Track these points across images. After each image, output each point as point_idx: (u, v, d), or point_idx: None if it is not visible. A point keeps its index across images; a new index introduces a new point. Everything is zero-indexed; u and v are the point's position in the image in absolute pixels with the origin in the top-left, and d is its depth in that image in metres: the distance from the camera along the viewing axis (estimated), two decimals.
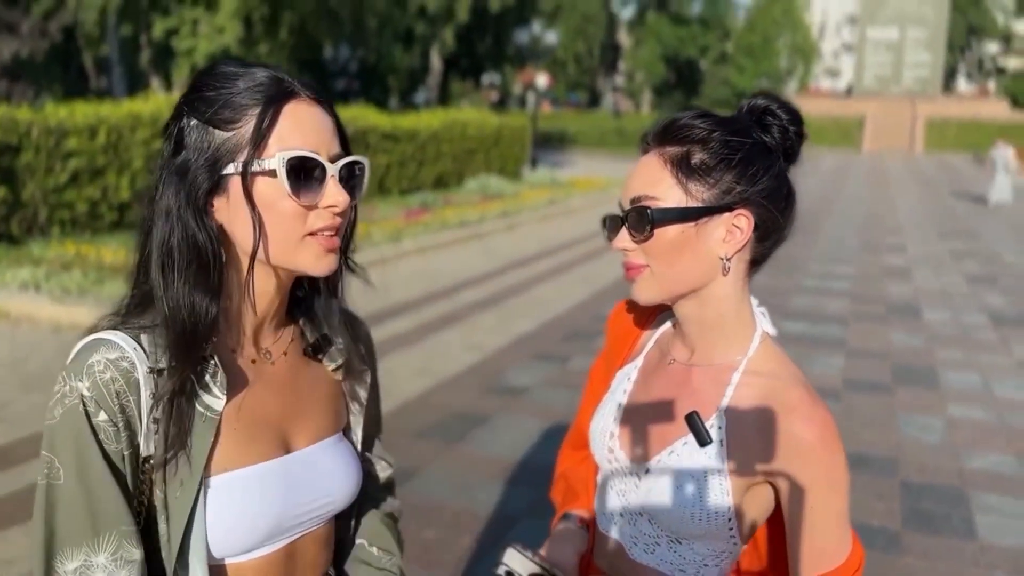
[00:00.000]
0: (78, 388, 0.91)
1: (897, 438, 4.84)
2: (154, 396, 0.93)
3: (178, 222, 0.95)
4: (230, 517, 0.97)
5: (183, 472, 0.95)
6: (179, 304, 0.95)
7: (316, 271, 1.00)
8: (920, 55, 47.98)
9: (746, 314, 1.17)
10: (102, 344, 0.94)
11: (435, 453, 4.38)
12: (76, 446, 0.90)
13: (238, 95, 0.96)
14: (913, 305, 8.43)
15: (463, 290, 8.42)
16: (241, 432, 1.00)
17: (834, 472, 1.07)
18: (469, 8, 37.82)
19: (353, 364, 1.15)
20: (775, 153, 1.14)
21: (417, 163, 15.39)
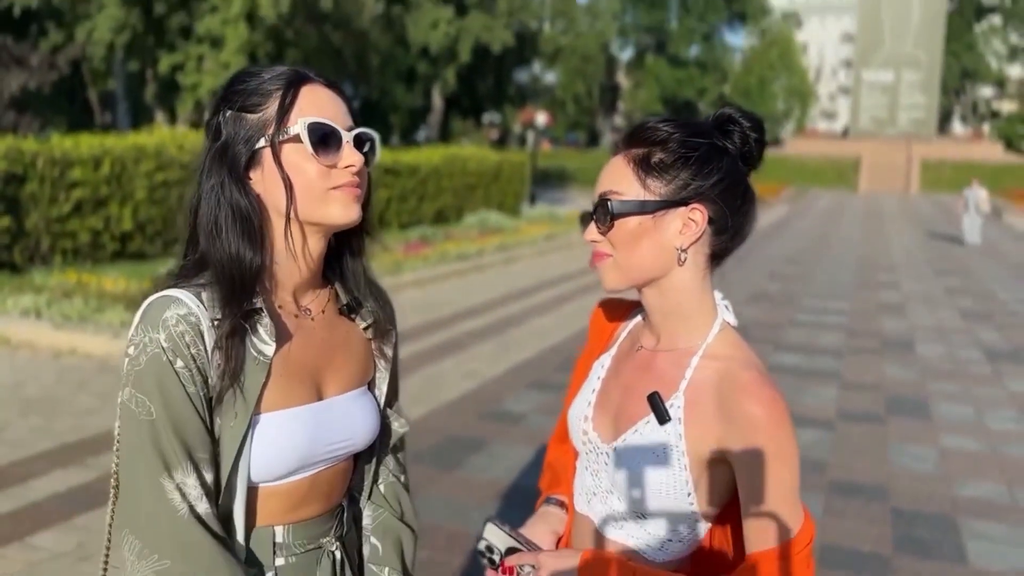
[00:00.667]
0: (157, 339, 1.08)
1: (889, 467, 4.87)
2: (216, 343, 1.10)
3: (223, 194, 1.14)
4: (270, 449, 1.13)
5: (238, 406, 1.11)
6: (228, 258, 1.13)
7: (343, 220, 1.16)
8: (915, 97, 48.61)
9: (707, 304, 1.26)
10: (171, 301, 1.10)
11: (431, 477, 4.41)
12: (162, 387, 1.07)
13: (264, 84, 1.16)
14: (907, 339, 8.49)
15: (461, 320, 8.49)
16: (286, 377, 1.16)
17: (782, 446, 1.14)
18: (471, 49, 38.41)
19: (381, 325, 1.32)
20: (732, 156, 1.23)
21: (418, 198, 15.56)
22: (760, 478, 1.15)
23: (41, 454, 4.52)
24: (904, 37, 48.32)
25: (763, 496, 1.15)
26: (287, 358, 1.17)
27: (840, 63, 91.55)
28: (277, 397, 1.15)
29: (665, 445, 1.19)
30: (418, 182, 15.54)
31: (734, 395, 1.16)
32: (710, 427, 1.18)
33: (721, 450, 1.18)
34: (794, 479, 1.16)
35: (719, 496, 1.22)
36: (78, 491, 4.06)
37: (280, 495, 1.19)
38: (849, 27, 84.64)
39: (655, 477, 1.20)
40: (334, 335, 1.26)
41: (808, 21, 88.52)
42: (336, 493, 1.28)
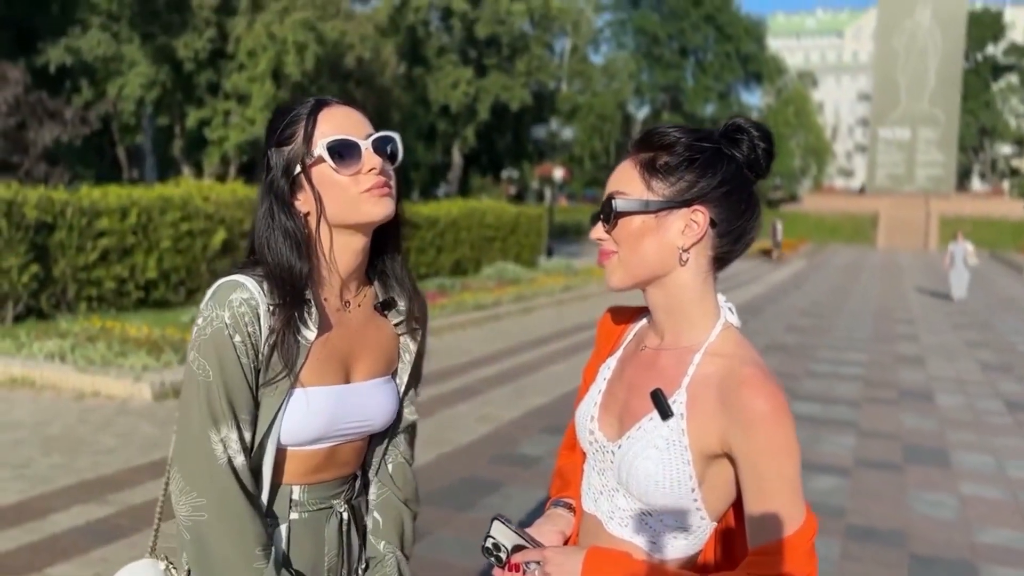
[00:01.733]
0: (222, 316, 1.29)
1: (907, 513, 4.82)
2: (271, 328, 1.32)
3: (272, 219, 1.36)
4: (299, 418, 1.34)
5: (280, 380, 1.32)
6: (279, 267, 1.35)
7: (378, 216, 1.35)
8: (932, 155, 48.75)
9: (709, 304, 1.30)
10: (238, 286, 1.32)
11: (445, 517, 4.42)
12: (220, 355, 1.29)
13: (293, 117, 1.37)
14: (926, 390, 8.43)
15: (477, 367, 8.53)
16: (321, 360, 1.37)
17: (783, 440, 1.17)
18: (490, 107, 39.10)
19: (410, 323, 1.51)
20: (739, 163, 1.28)
21: (436, 249, 15.72)
22: (761, 472, 1.18)
23: (61, 490, 4.58)
24: (920, 96, 48.72)
25: (765, 490, 1.18)
26: (325, 344, 1.37)
27: (856, 122, 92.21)
28: (312, 375, 1.35)
29: (668, 440, 1.22)
30: (436, 234, 15.72)
31: (736, 390, 1.19)
32: (712, 422, 1.21)
33: (723, 444, 1.20)
34: (795, 473, 1.18)
35: (723, 492, 1.25)
36: (96, 525, 4.11)
37: (302, 459, 1.39)
38: (865, 86, 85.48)
39: (659, 473, 1.22)
40: (367, 328, 1.45)
41: (824, 81, 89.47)
42: (350, 464, 1.47)
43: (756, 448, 1.18)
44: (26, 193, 9.30)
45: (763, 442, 1.17)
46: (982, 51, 60.34)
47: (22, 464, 4.98)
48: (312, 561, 1.42)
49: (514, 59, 40.67)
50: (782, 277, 22.35)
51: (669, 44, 56.15)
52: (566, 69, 48.03)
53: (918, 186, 48.45)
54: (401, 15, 37.87)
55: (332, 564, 1.45)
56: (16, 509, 4.29)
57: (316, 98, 1.38)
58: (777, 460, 1.17)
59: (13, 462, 5.01)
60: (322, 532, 1.43)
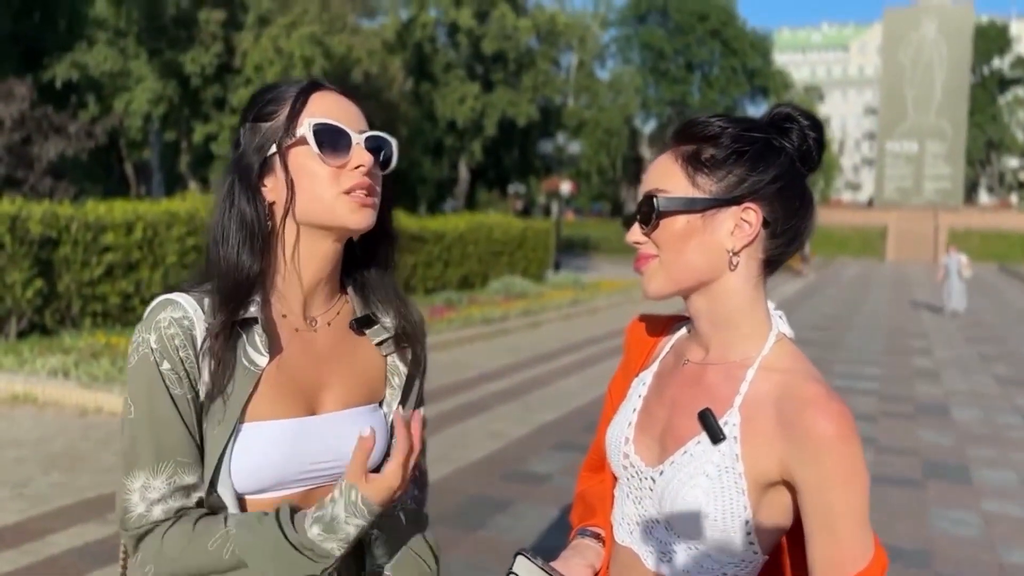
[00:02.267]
0: (147, 340, 1.09)
1: (930, 532, 4.68)
2: (208, 349, 1.09)
3: (232, 203, 1.14)
4: (248, 459, 1.10)
5: (224, 414, 1.09)
6: (227, 264, 1.12)
7: (353, 223, 1.13)
8: (940, 168, 48.62)
9: (761, 313, 1.16)
10: (169, 304, 1.11)
11: (454, 538, 4.30)
12: (146, 387, 1.08)
13: (280, 93, 1.16)
14: (942, 405, 8.28)
15: (485, 382, 8.41)
16: (275, 389, 1.13)
17: (852, 467, 1.04)
18: (497, 122, 39.18)
19: (398, 342, 1.25)
20: (790, 155, 1.15)
21: (443, 264, 15.64)
22: (829, 503, 1.04)
23: (61, 509, 4.47)
24: (927, 109, 48.63)
25: (831, 523, 1.04)
26: (281, 369, 1.14)
27: (863, 135, 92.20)
28: (263, 408, 1.12)
29: (719, 467, 1.09)
30: (443, 248, 15.65)
31: (798, 410, 1.06)
32: (770, 446, 1.08)
33: (783, 471, 1.07)
34: (864, 504, 1.05)
35: (778, 522, 1.12)
36: (95, 546, 4.00)
37: (267, 508, 1.12)
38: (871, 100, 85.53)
39: (708, 503, 1.09)
40: (338, 349, 1.21)
41: (830, 95, 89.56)
42: None
43: (822, 476, 1.04)
44: (31, 208, 9.24)
45: (830, 469, 1.04)
46: (988, 64, 60.27)
47: (22, 483, 4.88)
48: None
49: (520, 74, 40.78)
50: (792, 291, 22.19)
51: (675, 59, 56.30)
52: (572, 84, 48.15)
53: (926, 199, 48.30)
54: (408, 31, 38.05)
55: None
56: (14, 530, 4.18)
57: (311, 78, 1.18)
58: (845, 490, 1.04)
59: (13, 480, 4.90)
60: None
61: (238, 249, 1.12)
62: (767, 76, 56.03)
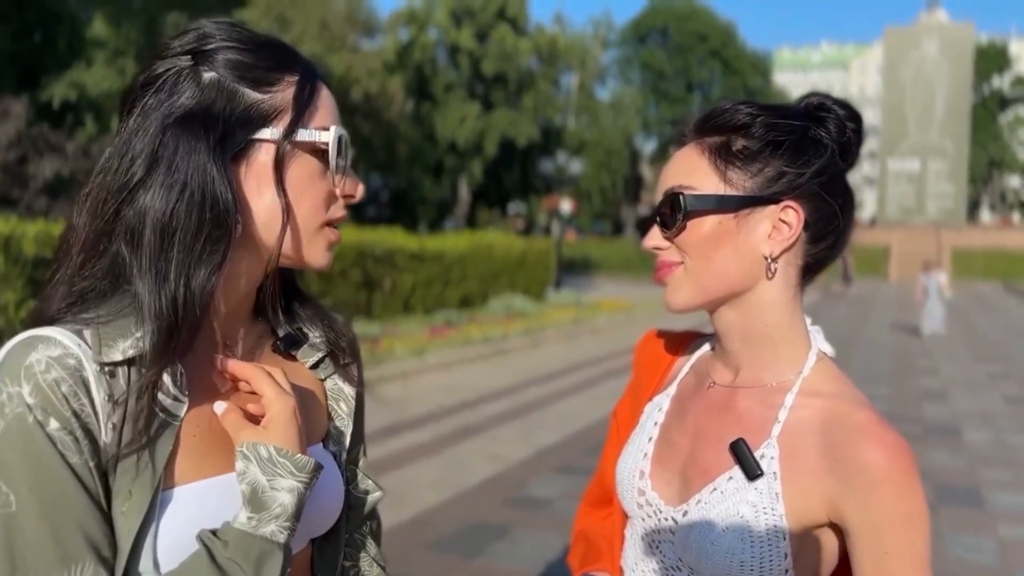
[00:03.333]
0: (19, 394, 0.75)
1: (944, 558, 4.51)
2: (111, 398, 0.78)
3: (196, 182, 0.80)
4: (182, 537, 0.81)
5: (132, 483, 0.79)
6: (172, 283, 0.79)
7: (319, 265, 0.91)
8: (943, 186, 48.62)
9: (799, 328, 1.02)
10: (38, 342, 0.77)
11: (451, 565, 4.13)
12: (28, 463, 0.74)
13: (268, 56, 0.86)
14: (952, 426, 8.10)
15: (485, 403, 8.25)
16: (200, 440, 0.85)
17: (911, 505, 0.91)
18: (497, 142, 39.23)
19: (336, 358, 1.01)
20: (830, 146, 1.01)
21: (443, 283, 15.51)
22: (885, 546, 0.91)
23: None
24: (929, 127, 48.68)
25: (889, 571, 0.91)
26: (204, 415, 0.86)
27: (865, 154, 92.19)
28: (189, 466, 0.83)
29: (756, 507, 0.95)
30: (443, 268, 15.52)
31: (847, 441, 0.93)
32: (815, 482, 0.94)
33: (832, 512, 0.94)
34: (926, 546, 0.92)
35: (822, 566, 0.98)
36: None
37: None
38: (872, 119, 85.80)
39: (742, 548, 0.95)
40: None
41: None
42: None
43: (879, 517, 0.91)
44: (25, 227, 9.12)
45: (888, 509, 0.91)
46: (988, 84, 60.45)
47: None
48: None
49: (521, 95, 40.91)
50: None
51: (675, 79, 56.55)
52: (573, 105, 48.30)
53: (929, 218, 48.25)
54: (408, 51, 38.21)
55: None
56: None
57: (296, 52, 0.90)
58: (906, 531, 0.91)
59: None
60: None
61: (195, 260, 0.79)
62: (767, 95, 56.19)
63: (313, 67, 0.90)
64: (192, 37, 0.86)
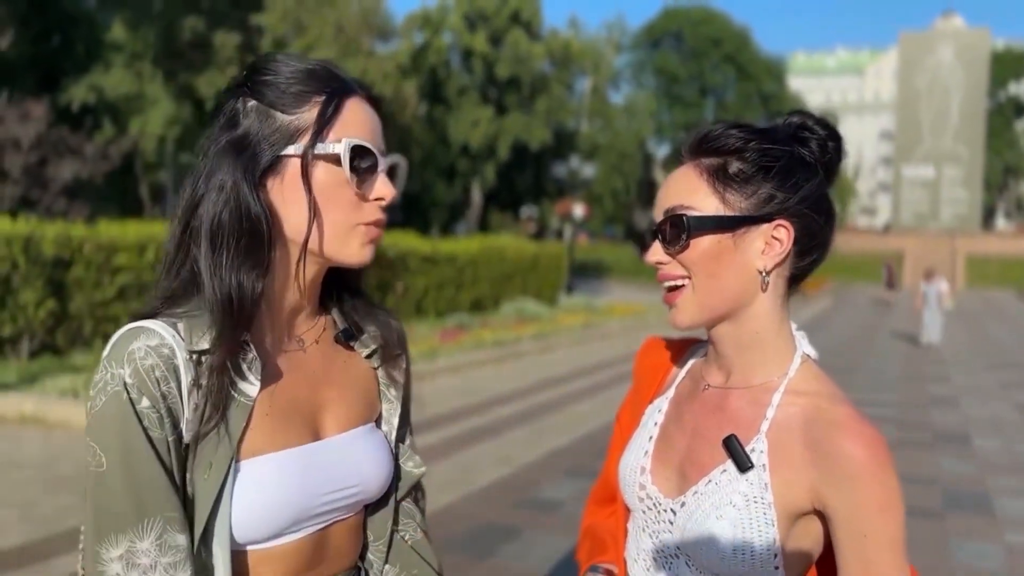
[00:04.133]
0: (120, 375, 0.91)
1: (951, 564, 4.55)
2: (195, 382, 0.94)
3: (232, 195, 0.95)
4: (256, 502, 0.96)
5: (212, 455, 0.94)
6: (226, 280, 0.95)
7: (358, 260, 1.03)
8: (957, 193, 48.40)
9: (786, 333, 1.11)
10: (141, 332, 0.94)
11: (462, 566, 4.21)
12: (120, 432, 0.90)
13: (302, 83, 1.00)
14: (962, 433, 8.12)
15: (496, 406, 8.33)
16: (272, 418, 1.00)
17: (887, 494, 1.00)
18: (510, 146, 39.33)
19: (388, 350, 1.16)
20: (814, 166, 1.10)
21: (455, 286, 15.61)
22: (863, 532, 1.00)
23: (66, 532, 4.42)
24: (944, 134, 48.50)
25: (867, 554, 1.00)
26: (274, 396, 1.01)
27: (879, 160, 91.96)
28: (261, 441, 0.98)
29: (747, 497, 1.04)
30: (456, 271, 15.62)
31: (828, 435, 1.02)
32: (800, 473, 1.03)
33: (815, 500, 1.02)
34: (902, 532, 1.01)
35: (809, 553, 1.07)
36: None
37: (277, 560, 1.00)
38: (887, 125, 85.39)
39: (735, 535, 1.03)
40: (331, 367, 1.10)
41: (846, 119, 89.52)
42: (348, 554, 1.09)
43: (857, 505, 1.00)
44: (44, 228, 9.28)
45: (865, 498, 0.99)
46: (1004, 90, 60.10)
47: (28, 504, 4.83)
48: None
49: (534, 99, 40.99)
50: (807, 316, 22.03)
51: (689, 83, 56.49)
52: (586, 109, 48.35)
53: (943, 224, 48.04)
54: (422, 55, 38.37)
55: None
56: (19, 552, 4.14)
57: (335, 72, 1.02)
58: (882, 518, 0.99)
59: (19, 502, 4.86)
60: None
61: (240, 261, 0.95)
62: (782, 100, 56.07)
63: (347, 86, 1.01)
64: (245, 72, 1.03)
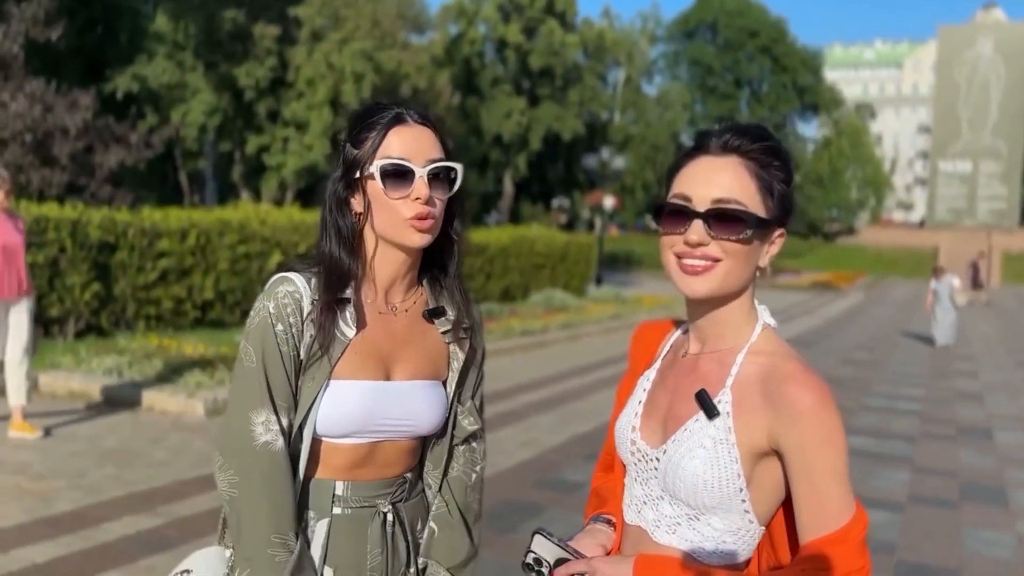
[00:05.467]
0: (267, 307, 1.40)
1: (962, 552, 4.67)
2: (314, 320, 1.39)
3: (329, 212, 1.46)
4: (334, 409, 1.40)
5: (316, 371, 1.40)
6: (328, 255, 1.44)
7: (413, 244, 1.43)
8: (995, 188, 47.56)
9: (750, 308, 1.33)
10: (285, 280, 1.42)
11: (486, 540, 4.37)
12: (263, 342, 1.39)
13: (371, 122, 1.43)
14: (985, 428, 8.17)
15: (522, 392, 8.54)
16: (360, 356, 1.43)
17: (829, 430, 1.18)
18: (542, 137, 39.38)
19: (457, 332, 1.53)
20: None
21: (485, 276, 15.79)
22: (810, 463, 1.19)
23: (114, 500, 4.70)
24: (982, 128, 47.68)
25: (814, 482, 1.18)
26: (363, 341, 1.43)
27: (916, 154, 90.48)
28: (349, 369, 1.42)
29: (715, 440, 1.23)
30: (486, 260, 15.80)
31: (780, 384, 1.21)
32: (758, 418, 1.22)
33: (771, 440, 1.21)
34: (844, 464, 1.19)
35: (771, 493, 1.25)
36: (146, 535, 4.21)
37: (342, 453, 1.44)
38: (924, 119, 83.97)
39: (706, 474, 1.23)
40: (411, 331, 1.49)
41: (883, 112, 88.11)
42: (396, 465, 1.49)
43: (804, 440, 1.19)
44: (90, 214, 9.63)
45: (810, 433, 1.18)
46: None
47: (78, 475, 5.12)
48: (354, 558, 1.44)
49: (567, 90, 40.96)
50: (838, 311, 21.93)
51: (724, 75, 55.98)
52: (619, 100, 48.19)
53: (980, 220, 47.26)
54: (456, 47, 38.53)
55: (376, 563, 1.46)
56: (71, 517, 4.41)
57: (398, 110, 1.44)
58: (825, 451, 1.18)
59: (69, 472, 5.15)
60: (365, 531, 1.45)
61: (337, 248, 1.44)
62: (817, 93, 55.44)
63: (397, 116, 1.42)
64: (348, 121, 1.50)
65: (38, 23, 14.19)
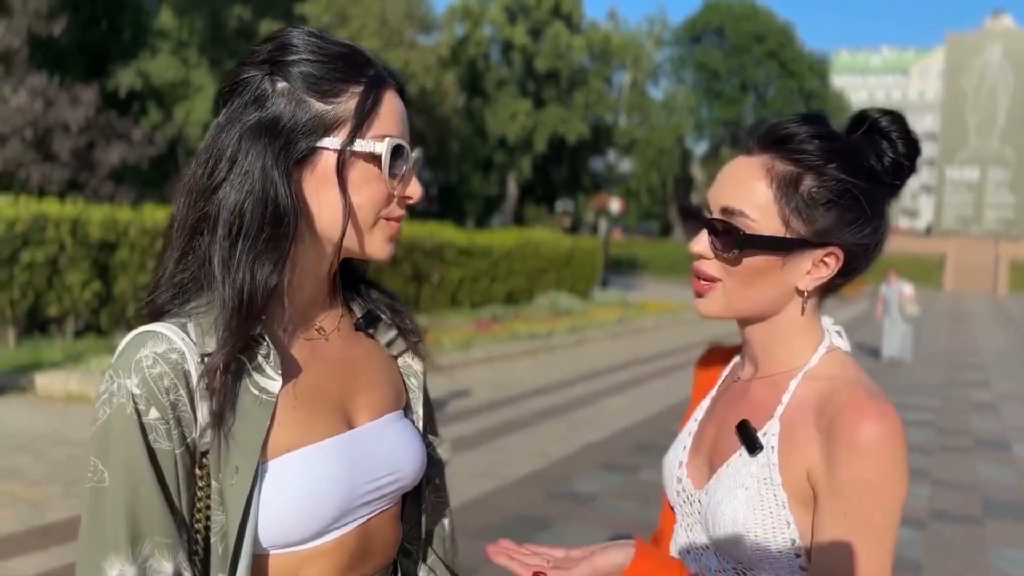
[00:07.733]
0: (126, 386, 0.86)
1: (987, 571, 4.49)
2: (207, 386, 0.88)
3: (260, 184, 0.89)
4: (292, 500, 0.90)
5: (237, 458, 0.88)
6: (241, 274, 0.89)
7: (381, 255, 0.99)
8: (1003, 196, 47.40)
9: (815, 329, 1.10)
10: (149, 338, 0.88)
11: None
12: (124, 447, 0.85)
13: (337, 68, 0.93)
14: (1002, 439, 7.99)
15: (530, 398, 8.36)
16: (300, 412, 0.94)
17: (884, 476, 0.93)
18: (547, 139, 39.26)
19: (408, 337, 1.12)
20: (883, 189, 1.06)
21: (490, 279, 15.65)
22: (846, 510, 0.94)
23: None
24: (990, 135, 47.51)
25: (844, 536, 0.94)
26: (299, 389, 0.95)
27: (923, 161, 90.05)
28: (291, 436, 0.92)
29: (757, 479, 1.02)
30: (491, 264, 15.66)
31: (837, 413, 0.97)
32: (807, 452, 0.99)
33: (810, 478, 0.99)
34: (892, 525, 0.94)
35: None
36: None
37: (322, 560, 0.95)
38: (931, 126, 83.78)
39: (747, 520, 1.01)
40: (354, 354, 1.05)
41: None
42: (391, 545, 1.05)
43: (846, 479, 0.94)
44: (90, 212, 9.47)
45: (859, 473, 0.93)
46: None
47: (73, 481, 4.96)
48: None
49: (572, 92, 40.84)
50: (845, 319, 21.75)
51: (730, 79, 55.92)
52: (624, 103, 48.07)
53: (987, 228, 47.08)
54: (463, 48, 38.43)
55: None
56: (63, 526, 4.25)
57: (370, 58, 0.97)
58: (871, 500, 0.93)
59: (65, 479, 4.99)
60: None
61: (258, 254, 0.89)
62: (824, 98, 55.26)
63: (381, 76, 0.96)
64: (273, 46, 0.94)
65: (41, 17, 14.07)
